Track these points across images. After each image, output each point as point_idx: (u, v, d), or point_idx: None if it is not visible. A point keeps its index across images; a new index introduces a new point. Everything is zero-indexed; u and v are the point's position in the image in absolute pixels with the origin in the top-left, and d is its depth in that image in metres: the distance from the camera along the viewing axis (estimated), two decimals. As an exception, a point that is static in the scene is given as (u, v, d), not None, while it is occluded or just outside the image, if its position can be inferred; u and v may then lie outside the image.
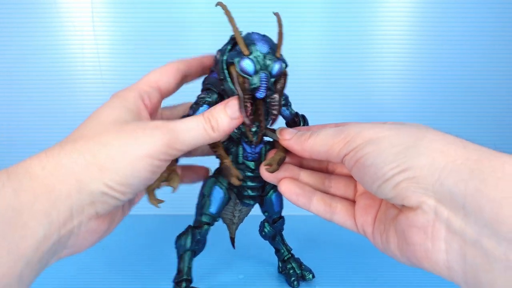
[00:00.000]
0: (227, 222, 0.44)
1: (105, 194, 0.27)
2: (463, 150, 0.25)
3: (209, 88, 0.35)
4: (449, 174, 0.24)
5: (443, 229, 0.25)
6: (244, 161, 0.37)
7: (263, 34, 0.32)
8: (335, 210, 0.33)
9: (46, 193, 0.25)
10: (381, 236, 0.30)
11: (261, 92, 0.30)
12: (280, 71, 0.31)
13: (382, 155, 0.26)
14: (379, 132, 0.27)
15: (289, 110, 0.37)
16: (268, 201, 0.41)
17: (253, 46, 0.30)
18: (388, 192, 0.27)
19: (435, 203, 0.25)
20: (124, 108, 0.30)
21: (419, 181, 0.25)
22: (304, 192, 0.33)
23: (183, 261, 0.39)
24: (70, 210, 0.26)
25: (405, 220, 0.27)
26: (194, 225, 0.39)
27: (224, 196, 0.38)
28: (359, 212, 0.32)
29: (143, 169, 0.28)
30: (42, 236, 0.24)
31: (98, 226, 0.28)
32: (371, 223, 0.31)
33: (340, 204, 0.33)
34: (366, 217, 0.32)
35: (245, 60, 0.30)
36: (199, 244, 0.39)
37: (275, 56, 0.31)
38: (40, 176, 0.25)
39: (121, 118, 0.29)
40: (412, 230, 0.26)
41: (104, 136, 0.28)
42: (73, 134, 0.29)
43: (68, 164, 0.26)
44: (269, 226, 0.44)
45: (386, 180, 0.26)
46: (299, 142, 0.32)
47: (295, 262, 0.46)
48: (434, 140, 0.26)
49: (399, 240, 0.28)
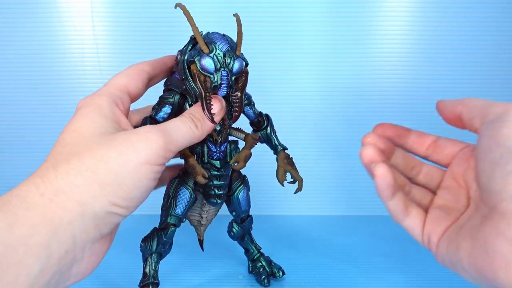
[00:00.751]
0: (194, 224, 0.43)
1: (110, 213, 0.26)
2: None
3: (171, 89, 0.35)
4: None
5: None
6: (209, 160, 0.37)
7: (223, 33, 0.32)
8: (410, 214, 0.31)
9: (46, 223, 0.23)
10: (449, 244, 0.28)
11: (222, 90, 0.31)
12: (241, 69, 0.31)
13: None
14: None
15: (253, 110, 0.38)
16: (235, 200, 0.40)
17: (213, 45, 0.31)
18: (497, 182, 0.24)
19: None
20: (102, 117, 0.29)
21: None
22: (395, 184, 0.31)
23: (149, 264, 0.38)
24: (73, 238, 0.24)
25: (492, 227, 0.24)
26: (160, 227, 0.38)
27: (190, 196, 0.38)
28: (429, 221, 0.31)
29: (144, 177, 0.27)
30: (39, 271, 0.22)
31: (102, 246, 0.27)
32: (440, 233, 0.30)
33: (415, 210, 0.32)
34: (436, 227, 0.30)
35: (205, 58, 0.30)
36: (165, 246, 0.39)
37: (235, 54, 0.31)
38: (39, 204, 0.23)
39: (104, 129, 0.28)
40: (498, 239, 0.24)
41: (97, 150, 0.26)
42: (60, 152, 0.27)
43: (67, 187, 0.24)
44: (237, 226, 0.43)
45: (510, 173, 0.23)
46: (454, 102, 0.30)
47: (265, 261, 0.45)
48: None
49: (474, 247, 0.25)
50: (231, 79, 0.31)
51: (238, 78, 0.32)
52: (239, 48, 0.32)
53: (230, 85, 0.31)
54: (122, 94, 0.32)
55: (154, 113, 0.34)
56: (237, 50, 0.31)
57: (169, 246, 0.39)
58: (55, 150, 0.27)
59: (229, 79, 0.31)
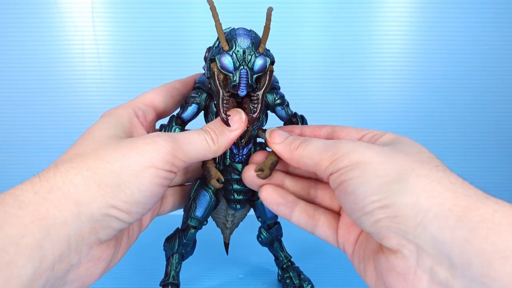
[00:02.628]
0: (220, 226, 0.42)
1: (108, 216, 0.24)
2: (451, 194, 0.23)
3: (199, 87, 0.34)
4: (434, 219, 0.22)
5: (425, 278, 0.23)
6: (231, 162, 0.35)
7: (249, 29, 0.30)
8: (317, 222, 0.31)
9: (38, 222, 0.22)
10: (359, 262, 0.28)
11: (241, 89, 0.29)
12: (263, 67, 0.29)
13: (365, 184, 0.24)
14: (368, 157, 0.25)
15: (285, 110, 0.35)
16: (259, 207, 0.39)
17: (233, 41, 0.29)
18: (367, 227, 0.25)
19: (416, 249, 0.23)
20: (118, 124, 0.28)
21: (401, 221, 0.23)
22: (286, 201, 0.31)
23: (170, 264, 0.38)
24: (67, 240, 0.23)
25: (385, 261, 0.25)
26: (181, 228, 0.38)
27: (210, 199, 0.36)
28: (342, 228, 0.30)
29: (148, 182, 0.25)
30: (31, 274, 0.21)
31: (102, 253, 0.26)
32: (353, 243, 0.29)
33: (323, 217, 0.31)
34: (348, 236, 0.30)
35: (224, 56, 0.28)
36: (186, 248, 0.38)
37: (257, 51, 0.29)
38: (32, 202, 0.22)
39: (116, 133, 0.27)
40: (391, 274, 0.24)
41: (101, 150, 0.26)
42: (68, 153, 0.26)
43: (64, 185, 0.23)
44: (265, 232, 0.42)
45: (366, 213, 0.24)
46: (288, 151, 0.30)
47: (294, 271, 0.43)
48: (421, 176, 0.24)
49: (378, 279, 0.26)
50: (251, 78, 0.29)
51: (261, 77, 0.29)
52: (263, 44, 0.29)
53: (250, 85, 0.29)
54: (146, 107, 0.32)
55: (180, 111, 0.33)
56: (260, 46, 0.29)
57: (191, 248, 0.39)
58: (65, 152, 0.27)
59: (248, 78, 0.28)
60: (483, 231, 0.21)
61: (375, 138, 0.30)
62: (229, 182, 0.35)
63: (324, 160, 0.27)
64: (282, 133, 0.31)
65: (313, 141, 0.29)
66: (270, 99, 0.34)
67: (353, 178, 0.25)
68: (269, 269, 0.47)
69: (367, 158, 0.25)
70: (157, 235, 0.44)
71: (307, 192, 0.33)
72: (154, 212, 0.34)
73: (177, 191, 0.37)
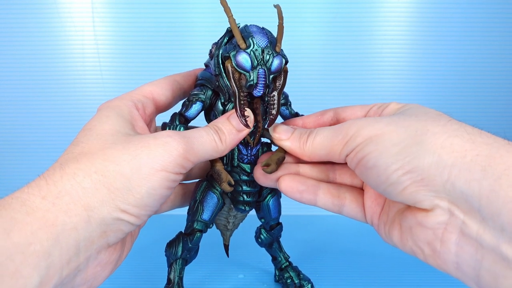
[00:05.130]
0: (220, 229, 0.41)
1: (119, 220, 0.24)
2: (471, 144, 0.22)
3: (203, 84, 0.32)
4: (460, 173, 0.22)
5: (455, 233, 0.23)
6: (239, 163, 0.34)
7: (262, 27, 0.29)
8: (343, 201, 0.30)
9: (46, 229, 0.21)
10: (384, 227, 0.28)
11: (258, 89, 0.28)
12: (280, 67, 0.28)
13: (383, 155, 0.24)
14: (378, 129, 0.25)
15: (289, 110, 0.35)
16: (265, 207, 0.37)
17: (251, 39, 0.27)
18: (396, 196, 0.24)
19: (449, 205, 0.23)
20: (119, 117, 0.27)
21: (428, 183, 0.23)
22: (308, 187, 0.30)
23: (174, 270, 0.36)
24: (77, 246, 0.22)
25: (413, 217, 0.25)
26: (186, 232, 0.36)
27: (218, 201, 0.35)
28: (368, 202, 0.30)
29: (158, 185, 0.25)
30: (38, 283, 0.20)
31: (110, 256, 0.25)
32: (379, 213, 0.29)
33: (348, 194, 0.31)
34: (375, 208, 0.29)
35: (241, 54, 0.27)
36: (190, 252, 0.36)
37: (274, 50, 0.28)
38: (40, 208, 0.21)
39: (120, 129, 0.26)
40: (420, 228, 0.24)
41: (109, 150, 0.24)
42: (71, 151, 0.25)
43: (73, 189, 0.23)
44: (265, 233, 0.41)
45: (392, 184, 0.24)
46: (299, 146, 0.29)
47: (293, 271, 0.43)
48: (436, 133, 0.23)
49: (403, 234, 0.26)
50: (269, 79, 0.28)
51: (276, 77, 0.29)
52: (279, 44, 0.28)
53: (267, 85, 0.28)
54: (145, 99, 0.31)
55: (184, 109, 0.32)
56: (277, 46, 0.28)
57: (195, 252, 0.37)
58: (67, 150, 0.26)
59: (266, 78, 0.27)
60: (509, 179, 0.20)
61: (381, 110, 0.30)
62: (238, 183, 0.34)
63: (336, 145, 0.27)
64: (285, 127, 0.31)
65: (320, 130, 0.28)
66: None
67: (370, 152, 0.25)
68: (269, 269, 0.47)
69: (378, 130, 0.25)
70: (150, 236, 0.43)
71: (326, 175, 0.32)
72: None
73: (176, 190, 0.36)
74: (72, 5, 0.63)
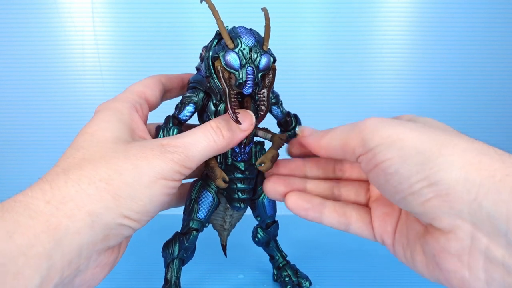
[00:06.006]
0: (217, 229, 0.42)
1: (121, 225, 0.25)
2: (501, 164, 0.21)
3: (195, 87, 0.33)
4: (488, 193, 0.20)
5: (481, 258, 0.21)
6: (233, 162, 0.35)
7: (249, 28, 0.30)
8: (350, 220, 0.30)
9: (49, 232, 0.22)
10: (404, 250, 0.27)
11: (248, 87, 0.29)
12: (268, 65, 0.29)
13: (407, 162, 0.23)
14: (400, 132, 0.23)
15: (280, 109, 0.35)
16: (260, 205, 0.38)
17: (239, 39, 0.29)
18: (415, 207, 0.23)
19: (472, 229, 0.21)
20: (120, 123, 0.28)
21: (453, 200, 0.21)
22: (313, 205, 0.30)
23: (171, 270, 0.37)
24: (79, 250, 0.23)
25: (435, 243, 0.23)
26: (182, 232, 0.37)
27: (213, 200, 0.36)
28: (376, 221, 0.29)
29: (159, 192, 0.26)
30: (39, 283, 0.21)
31: (108, 258, 0.26)
32: (391, 233, 0.28)
33: (355, 212, 0.30)
34: (385, 227, 0.29)
35: (230, 54, 0.28)
36: (187, 252, 0.37)
37: (262, 49, 0.29)
38: (44, 212, 0.22)
39: (120, 135, 0.27)
40: (444, 256, 0.23)
41: (112, 159, 0.25)
42: (72, 156, 0.26)
43: (77, 195, 0.23)
44: (262, 232, 0.41)
45: (413, 193, 0.23)
46: (316, 138, 0.29)
47: (291, 269, 0.43)
48: (464, 149, 0.22)
49: (429, 262, 0.25)
50: (257, 76, 0.29)
51: (265, 75, 0.30)
52: (266, 43, 0.29)
53: (256, 83, 0.29)
54: (141, 100, 0.31)
55: (177, 112, 0.33)
56: (264, 45, 0.29)
57: (192, 252, 0.38)
58: (68, 153, 0.26)
59: (255, 76, 0.28)
60: None
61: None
62: (232, 181, 0.35)
63: (352, 139, 0.26)
64: (311, 129, 0.31)
65: (339, 127, 0.28)
66: None
67: (393, 157, 0.23)
68: (268, 269, 0.47)
69: (400, 133, 0.23)
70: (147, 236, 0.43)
71: (331, 192, 0.32)
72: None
73: None
74: (72, 5, 0.63)
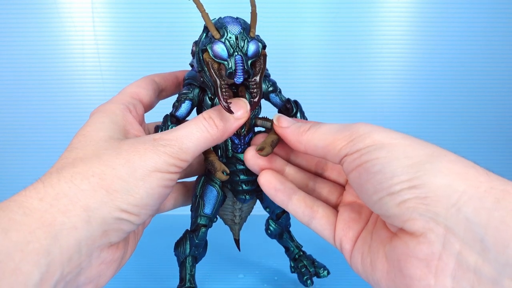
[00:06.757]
0: (228, 223, 0.41)
1: (119, 220, 0.25)
2: (486, 177, 0.22)
3: (190, 83, 0.33)
4: (470, 200, 0.21)
5: (451, 264, 0.21)
6: (234, 154, 0.34)
7: (236, 17, 0.30)
8: (315, 214, 0.30)
9: (44, 228, 0.22)
10: (363, 258, 0.27)
11: (238, 76, 0.28)
12: (257, 51, 0.29)
13: (393, 163, 0.23)
14: (393, 138, 0.24)
15: (279, 97, 0.35)
16: (267, 197, 0.36)
17: (224, 29, 0.28)
18: (390, 208, 0.23)
19: (445, 232, 0.21)
20: (112, 123, 0.28)
21: (431, 202, 0.22)
22: (285, 188, 0.30)
23: (185, 268, 0.37)
24: (77, 245, 0.23)
25: (403, 247, 0.23)
26: (191, 229, 0.37)
27: (218, 195, 0.35)
28: (340, 224, 0.29)
29: (155, 185, 0.26)
30: (39, 279, 0.21)
31: (113, 255, 0.26)
32: (352, 239, 0.28)
33: (322, 209, 0.30)
34: (347, 232, 0.29)
35: (216, 44, 0.28)
36: (198, 249, 0.37)
37: (249, 36, 0.29)
38: (38, 209, 0.22)
39: (113, 134, 0.27)
40: (411, 260, 0.23)
41: (104, 156, 0.25)
42: (66, 157, 0.26)
43: (71, 191, 0.23)
44: (274, 224, 0.40)
45: (392, 194, 0.23)
46: (297, 133, 0.29)
47: (307, 260, 0.42)
48: (452, 160, 0.23)
49: (390, 269, 0.24)
50: (247, 64, 0.28)
51: (255, 62, 0.29)
52: (253, 29, 0.29)
53: (246, 70, 0.28)
54: (135, 101, 0.31)
55: (174, 110, 0.33)
56: (251, 31, 0.29)
57: (204, 249, 0.38)
58: (63, 155, 0.26)
59: (244, 64, 0.28)
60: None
61: None
62: (235, 173, 0.35)
63: (339, 140, 0.26)
64: (289, 119, 0.31)
65: (326, 124, 0.28)
66: (263, 87, 0.34)
67: (379, 157, 0.24)
68: (269, 269, 0.47)
69: (392, 139, 0.24)
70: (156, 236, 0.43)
71: (305, 184, 0.32)
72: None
73: (177, 188, 0.37)
74: (72, 5, 0.63)
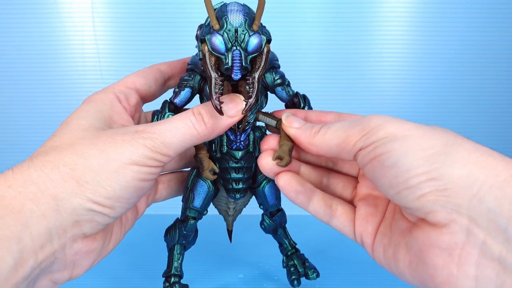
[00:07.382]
0: (222, 214, 0.40)
1: (91, 211, 0.24)
2: (504, 165, 0.21)
3: (192, 69, 0.31)
4: (491, 190, 0.21)
5: (475, 253, 0.21)
6: (228, 150, 0.33)
7: (242, 4, 0.27)
8: (335, 213, 0.30)
9: (13, 215, 0.22)
10: (384, 250, 0.27)
11: (235, 72, 0.26)
12: (259, 46, 0.26)
13: (409, 156, 0.22)
14: (406, 130, 0.23)
15: (286, 90, 0.32)
16: (261, 194, 0.36)
17: (224, 19, 0.25)
18: (410, 202, 0.23)
19: (468, 223, 0.21)
20: (97, 112, 0.28)
21: (452, 194, 0.21)
22: (305, 189, 0.29)
23: (172, 255, 0.37)
24: (48, 233, 0.23)
25: (424, 237, 0.23)
26: (181, 219, 0.37)
27: (209, 189, 0.35)
28: (359, 219, 0.29)
29: (130, 178, 0.25)
30: (13, 265, 0.21)
31: (89, 246, 0.26)
32: (372, 233, 0.28)
33: (340, 207, 0.30)
34: (366, 226, 0.28)
35: (214, 36, 0.25)
36: (187, 239, 0.37)
37: (251, 29, 0.26)
38: (5, 196, 0.22)
39: (94, 124, 0.27)
40: (433, 250, 0.22)
41: (79, 145, 0.25)
42: (44, 145, 0.26)
43: (39, 179, 0.23)
44: (268, 219, 0.40)
45: (409, 187, 0.22)
46: (308, 135, 0.28)
47: (298, 259, 0.41)
48: (469, 149, 0.22)
49: (412, 259, 0.24)
50: (246, 60, 0.26)
51: (256, 57, 0.26)
52: (257, 21, 0.25)
53: (244, 67, 0.26)
54: (128, 90, 0.31)
55: (173, 96, 0.31)
56: (254, 24, 0.25)
57: (193, 238, 0.38)
58: (44, 144, 0.26)
59: (242, 60, 0.25)
60: None
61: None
62: (227, 170, 0.33)
63: (352, 135, 0.25)
64: (299, 119, 0.30)
65: (335, 123, 0.27)
66: (269, 79, 0.32)
67: (393, 150, 0.23)
68: (269, 269, 0.47)
69: (405, 130, 0.23)
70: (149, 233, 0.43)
71: (320, 181, 0.31)
72: (148, 198, 0.33)
73: (174, 177, 0.36)
74: (72, 5, 0.64)
